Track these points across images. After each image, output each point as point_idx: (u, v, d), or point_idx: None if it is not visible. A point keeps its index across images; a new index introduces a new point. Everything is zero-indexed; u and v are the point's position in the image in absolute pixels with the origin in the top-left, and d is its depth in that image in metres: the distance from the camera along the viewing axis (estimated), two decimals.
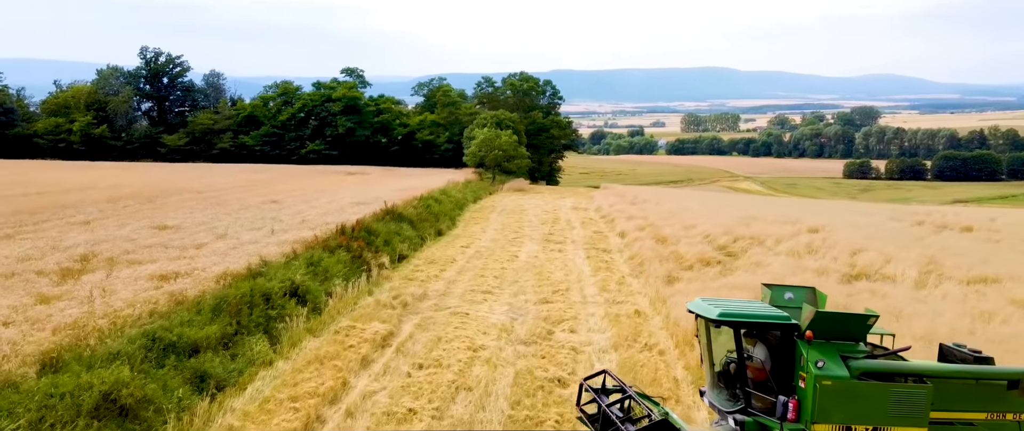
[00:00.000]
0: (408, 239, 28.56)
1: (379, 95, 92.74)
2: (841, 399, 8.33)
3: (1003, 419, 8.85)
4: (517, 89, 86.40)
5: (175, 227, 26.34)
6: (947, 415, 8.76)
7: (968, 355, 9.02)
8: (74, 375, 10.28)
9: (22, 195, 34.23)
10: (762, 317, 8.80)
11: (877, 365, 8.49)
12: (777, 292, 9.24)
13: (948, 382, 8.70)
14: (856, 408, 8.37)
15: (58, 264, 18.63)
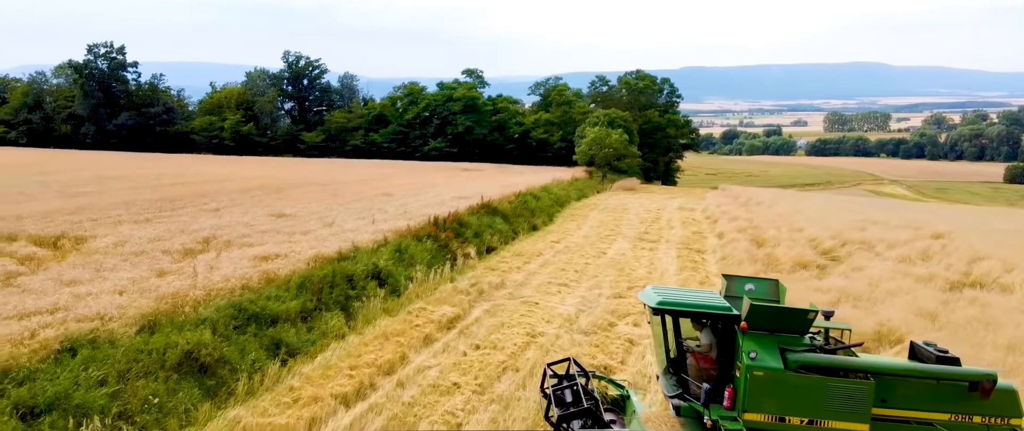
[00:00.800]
0: (499, 232, 29.59)
1: (497, 95, 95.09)
2: (774, 390, 8.38)
3: (969, 422, 8.57)
4: (632, 87, 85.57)
5: (291, 215, 28.93)
6: (905, 414, 8.63)
7: (932, 354, 8.69)
8: (164, 335, 12.04)
9: (169, 185, 38.67)
10: (701, 306, 8.92)
11: (817, 359, 8.42)
12: (737, 283, 9.30)
13: (907, 381, 8.53)
14: (790, 400, 8.37)
15: (182, 245, 21.26)
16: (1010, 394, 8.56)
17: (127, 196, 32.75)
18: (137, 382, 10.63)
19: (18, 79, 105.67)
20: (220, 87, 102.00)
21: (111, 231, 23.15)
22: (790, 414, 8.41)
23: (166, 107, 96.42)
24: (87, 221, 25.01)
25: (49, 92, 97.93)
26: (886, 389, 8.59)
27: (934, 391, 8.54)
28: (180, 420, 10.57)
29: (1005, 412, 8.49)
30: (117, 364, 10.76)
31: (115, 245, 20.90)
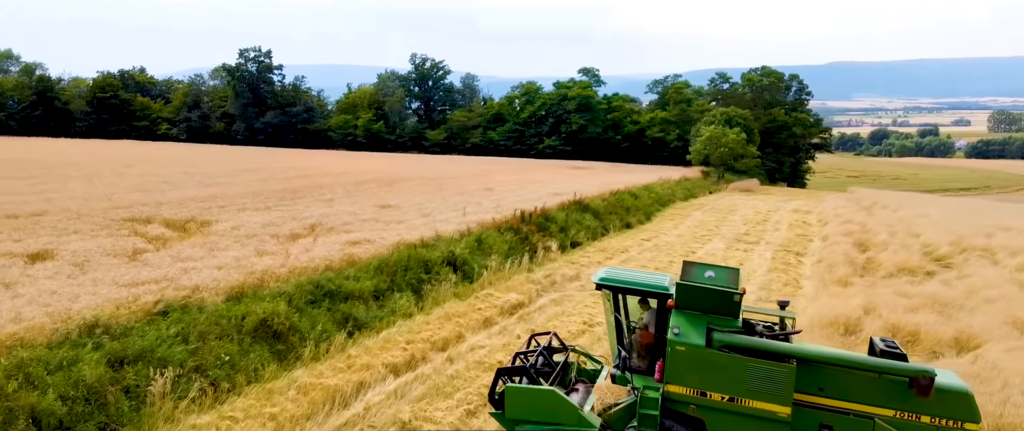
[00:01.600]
0: (588, 228, 30.10)
1: (613, 94, 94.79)
2: (694, 365, 8.74)
3: (917, 421, 8.41)
4: (755, 84, 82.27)
5: (394, 206, 30.97)
6: (844, 405, 8.63)
7: (879, 347, 8.56)
8: (246, 305, 13.78)
9: (294, 178, 42.24)
10: (637, 284, 9.49)
11: (741, 340, 8.61)
12: (697, 269, 9.49)
13: (848, 373, 8.54)
14: (711, 376, 8.73)
15: (290, 230, 23.56)
16: (963, 397, 8.31)
17: (256, 187, 36.24)
18: (215, 342, 12.34)
19: (180, 81, 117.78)
20: (355, 88, 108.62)
21: (233, 217, 25.95)
22: (711, 390, 8.79)
23: (307, 107, 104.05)
24: (215, 208, 28.13)
25: (206, 93, 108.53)
26: (824, 379, 8.63)
27: (877, 385, 8.47)
28: (248, 377, 12.16)
29: (958, 415, 8.27)
30: (200, 326, 12.53)
31: (232, 229, 23.51)
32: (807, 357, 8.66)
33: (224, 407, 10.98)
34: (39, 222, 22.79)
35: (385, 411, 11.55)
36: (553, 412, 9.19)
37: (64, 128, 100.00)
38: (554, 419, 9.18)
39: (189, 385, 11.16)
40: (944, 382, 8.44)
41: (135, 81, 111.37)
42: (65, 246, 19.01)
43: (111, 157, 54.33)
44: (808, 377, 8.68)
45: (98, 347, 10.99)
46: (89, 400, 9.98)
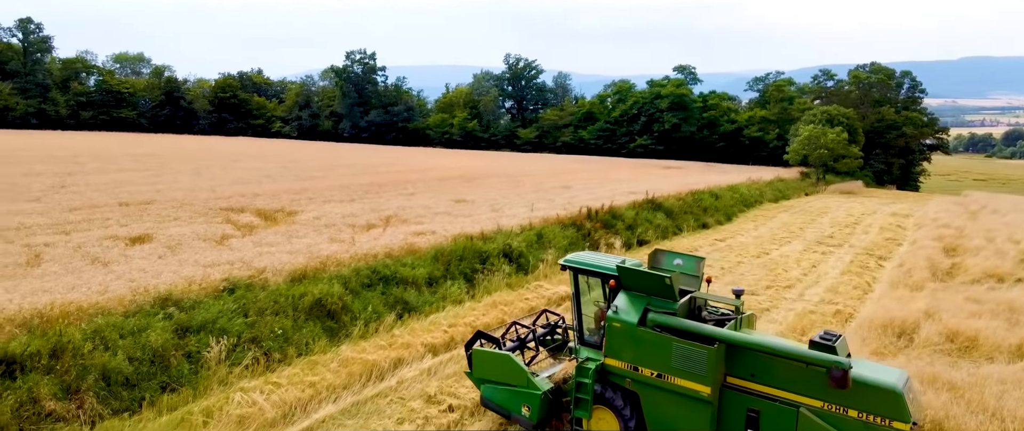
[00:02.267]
0: (658, 227, 30.03)
1: (709, 91, 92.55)
2: (627, 341, 9.45)
3: (844, 414, 8.37)
4: (862, 82, 77.91)
5: (469, 201, 32.13)
6: (773, 392, 8.80)
7: (815, 340, 8.52)
8: (304, 286, 15.09)
9: (384, 173, 44.35)
10: (592, 266, 10.36)
11: (672, 321, 9.11)
12: (667, 257, 10.31)
13: (779, 361, 8.70)
14: (641, 352, 9.39)
15: (367, 220, 25.11)
16: (890, 395, 8.14)
17: (346, 181, 38.46)
18: (271, 317, 13.67)
19: (294, 82, 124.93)
20: (453, 88, 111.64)
21: (318, 208, 27.87)
22: (642, 365, 9.44)
23: (407, 106, 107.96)
24: (304, 199, 30.23)
25: (316, 93, 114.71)
26: (756, 365, 8.87)
27: (805, 376, 8.51)
28: (299, 349, 13.39)
29: (885, 413, 8.16)
30: (260, 303, 13.91)
31: (314, 219, 25.31)
32: (734, 342, 8.89)
33: (272, 374, 12.20)
34: (147, 210, 25.44)
35: (415, 386, 12.45)
36: (507, 374, 10.50)
37: (188, 126, 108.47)
38: (507, 380, 10.50)
39: (244, 354, 12.49)
40: (873, 378, 8.30)
41: (252, 82, 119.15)
42: (163, 231, 21.24)
43: (223, 152, 58.80)
44: (742, 362, 8.98)
45: (168, 317, 12.51)
46: (154, 362, 11.44)
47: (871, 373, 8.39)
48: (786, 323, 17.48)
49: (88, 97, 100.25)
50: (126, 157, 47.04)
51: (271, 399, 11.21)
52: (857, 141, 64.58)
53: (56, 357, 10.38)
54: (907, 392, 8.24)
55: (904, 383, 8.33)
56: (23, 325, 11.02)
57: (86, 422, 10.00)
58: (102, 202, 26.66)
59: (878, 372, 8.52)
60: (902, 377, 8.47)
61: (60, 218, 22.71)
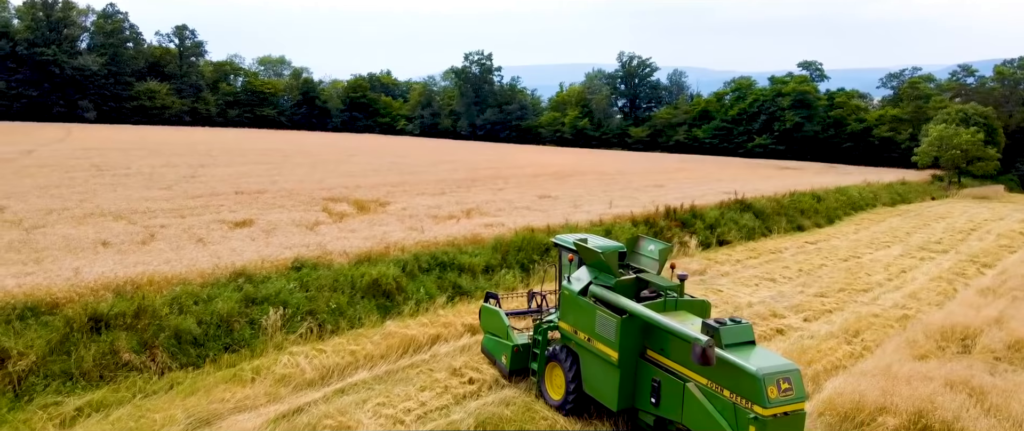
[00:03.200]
0: (744, 228, 29.45)
1: (837, 89, 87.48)
2: (571, 307, 10.96)
3: (721, 393, 8.80)
4: (1008, 78, 70.81)
5: (553, 197, 32.98)
6: (673, 365, 9.60)
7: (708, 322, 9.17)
8: (364, 268, 16.58)
9: (482, 169, 46.01)
10: (567, 243, 11.92)
11: (599, 293, 10.33)
12: (645, 243, 11.63)
13: (672, 338, 9.46)
14: (580, 318, 10.76)
15: (449, 212, 26.60)
16: (752, 379, 8.37)
17: (444, 176, 40.39)
18: (329, 293, 15.23)
19: (418, 82, 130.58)
20: (567, 87, 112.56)
21: (408, 200, 29.73)
22: (579, 329, 10.82)
23: (520, 105, 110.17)
24: (399, 192, 32.28)
25: (437, 93, 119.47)
26: (664, 341, 9.64)
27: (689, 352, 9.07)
28: (351, 323, 14.85)
29: (745, 394, 8.46)
30: (321, 281, 15.52)
31: (402, 209, 27.13)
32: (641, 317, 9.71)
33: (320, 343, 13.70)
34: (258, 198, 28.25)
35: (446, 360, 13.53)
36: (496, 327, 13.03)
37: (322, 123, 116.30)
38: (496, 332, 13.04)
39: (300, 323, 14.09)
40: (739, 362, 8.60)
41: (380, 83, 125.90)
42: (265, 217, 23.66)
43: (342, 147, 62.95)
44: (656, 338, 9.82)
45: (238, 289, 14.33)
46: (220, 326, 13.22)
47: (742, 358, 8.71)
48: (838, 324, 17.05)
49: (235, 97, 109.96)
50: (255, 152, 51.68)
51: (313, 363, 12.67)
52: (996, 142, 59.12)
53: (137, 317, 12.33)
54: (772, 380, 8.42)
55: (778, 371, 8.54)
56: (116, 290, 13.11)
57: (156, 372, 11.85)
58: (222, 191, 29.84)
59: (758, 359, 8.81)
60: (778, 366, 8.68)
61: (182, 204, 25.79)
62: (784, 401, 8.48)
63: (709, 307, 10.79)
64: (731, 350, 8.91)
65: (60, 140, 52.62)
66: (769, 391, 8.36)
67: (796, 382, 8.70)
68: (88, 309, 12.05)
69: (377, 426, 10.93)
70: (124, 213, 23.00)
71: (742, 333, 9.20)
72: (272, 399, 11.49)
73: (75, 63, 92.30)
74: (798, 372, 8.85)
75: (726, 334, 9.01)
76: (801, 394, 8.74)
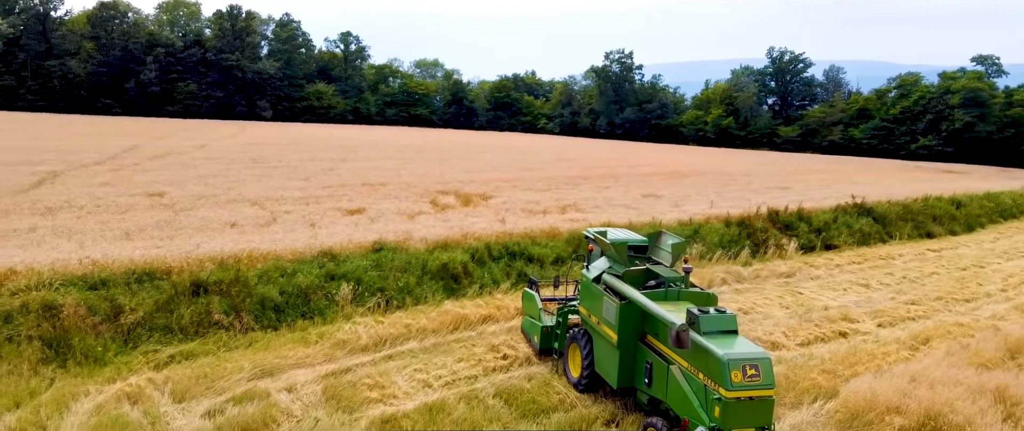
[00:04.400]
0: (859, 232, 27.97)
1: (1017, 86, 77.96)
2: (587, 293, 12.02)
3: (695, 375, 9.29)
4: None
5: (657, 196, 33.19)
6: (663, 350, 10.15)
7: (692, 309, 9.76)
8: (436, 253, 18.22)
9: (597, 167, 46.57)
10: (590, 235, 12.81)
11: (609, 280, 11.16)
12: (665, 238, 12.21)
13: (661, 323, 9.91)
14: (592, 303, 11.65)
15: (544, 207, 27.82)
16: (718, 363, 8.81)
17: (557, 173, 41.49)
18: (401, 273, 16.99)
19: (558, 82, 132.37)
20: (713, 84, 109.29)
21: (511, 194, 31.25)
22: (591, 313, 11.73)
23: (661, 103, 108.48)
24: (507, 187, 33.88)
25: (578, 92, 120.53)
26: (659, 326, 10.20)
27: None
28: (416, 300, 16.50)
29: (715, 378, 8.90)
30: (395, 262, 17.34)
31: (502, 203, 28.69)
32: (632, 301, 10.45)
33: (382, 315, 15.45)
34: (378, 190, 31.02)
35: (489, 338, 14.79)
36: (532, 309, 14.19)
37: (470, 122, 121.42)
38: (531, 313, 14.22)
39: (369, 298, 15.95)
40: (709, 346, 9.08)
41: (524, 83, 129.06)
42: (376, 206, 26.14)
43: (474, 144, 65.82)
44: (652, 323, 10.43)
45: (320, 266, 16.46)
46: (299, 296, 15.36)
47: (714, 344, 9.20)
48: (910, 331, 16.32)
49: (392, 97, 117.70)
50: (393, 147, 55.68)
51: (370, 332, 14.41)
52: None
53: (231, 285, 14.70)
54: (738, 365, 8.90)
55: (746, 358, 9.00)
56: (219, 262, 15.62)
57: (240, 331, 14.13)
58: (350, 182, 33.00)
59: (730, 346, 9.25)
60: (748, 354, 9.14)
61: (311, 193, 28.98)
62: (749, 386, 8.93)
63: (714, 299, 11.27)
64: (708, 336, 9.47)
65: (232, 136, 59.74)
66: (733, 375, 8.88)
67: (764, 370, 9.10)
68: (192, 276, 14.59)
69: (407, 387, 12.42)
70: (260, 200, 26.38)
71: (723, 322, 9.78)
72: (327, 359, 13.34)
73: (255, 67, 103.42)
74: (768, 360, 9.27)
75: (705, 322, 9.63)
76: (769, 382, 9.14)
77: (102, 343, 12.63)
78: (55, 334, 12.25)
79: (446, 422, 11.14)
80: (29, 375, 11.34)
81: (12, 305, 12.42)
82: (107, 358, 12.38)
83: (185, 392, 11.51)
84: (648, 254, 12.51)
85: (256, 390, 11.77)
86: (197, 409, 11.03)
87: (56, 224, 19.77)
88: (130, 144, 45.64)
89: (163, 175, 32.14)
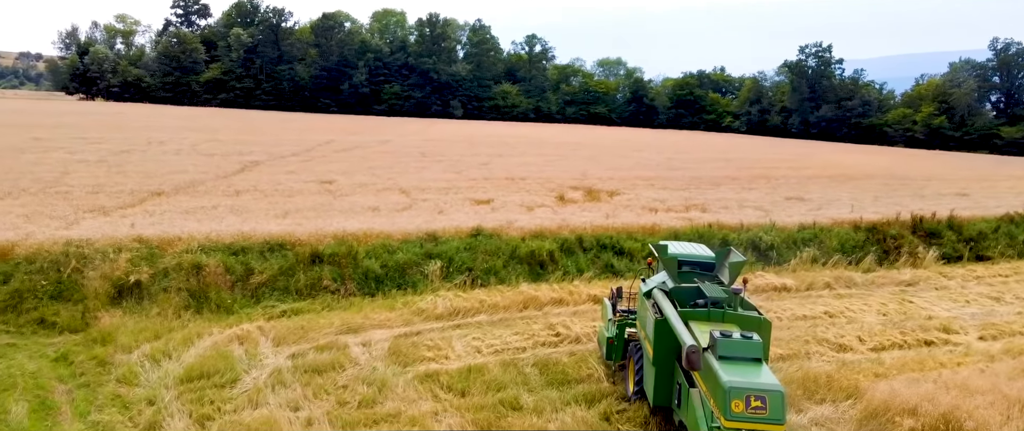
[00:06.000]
0: (1021, 244, 25.16)
1: None
2: (640, 307, 12.23)
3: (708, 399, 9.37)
4: None
5: (803, 199, 32.04)
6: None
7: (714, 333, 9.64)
8: (528, 241, 19.94)
9: (753, 169, 44.95)
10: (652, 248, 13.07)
11: (657, 296, 11.18)
12: (733, 255, 12.20)
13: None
14: (642, 316, 11.89)
15: (668, 206, 28.32)
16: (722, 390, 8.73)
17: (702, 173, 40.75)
18: (489, 256, 18.96)
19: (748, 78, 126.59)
20: (925, 80, 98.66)
21: (639, 192, 31.82)
22: (641, 327, 11.96)
23: (863, 100, 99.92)
24: (642, 184, 34.43)
25: (769, 89, 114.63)
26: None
27: None
28: (500, 280, 18.36)
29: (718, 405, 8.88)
30: (487, 246, 19.32)
31: (626, 199, 29.59)
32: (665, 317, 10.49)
33: (462, 291, 17.51)
34: (515, 184, 33.21)
35: (549, 318, 16.25)
36: (604, 317, 13.98)
37: (649, 120, 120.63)
38: (603, 322, 14.00)
39: (457, 276, 18.12)
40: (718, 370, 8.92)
41: (710, 79, 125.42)
42: (504, 198, 28.27)
43: (636, 142, 65.88)
44: None
45: (420, 246, 18.92)
46: (397, 271, 17.92)
47: (726, 369, 8.94)
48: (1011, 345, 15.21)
49: (572, 96, 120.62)
50: (551, 144, 57.84)
51: (447, 304, 16.53)
52: None
53: (343, 258, 17.58)
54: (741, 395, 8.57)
55: (753, 389, 8.64)
56: (339, 239, 18.60)
57: (343, 296, 16.93)
58: (495, 176, 35.54)
59: (742, 374, 8.90)
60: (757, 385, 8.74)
61: (455, 184, 31.91)
62: (751, 419, 8.52)
63: (766, 325, 10.57)
64: (724, 362, 9.10)
65: (415, 133, 65.65)
66: (734, 405, 8.50)
67: (773, 404, 8.55)
68: (312, 249, 17.69)
69: (461, 351, 14.32)
70: (408, 189, 29.74)
71: (746, 348, 9.31)
72: (404, 323, 15.65)
73: (449, 70, 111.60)
74: (780, 395, 8.67)
75: (723, 345, 9.25)
76: (777, 417, 8.57)
77: (233, 297, 16.03)
78: (197, 287, 15.82)
79: (478, 381, 12.84)
80: (172, 318, 14.87)
81: (169, 264, 16.17)
82: (234, 309, 15.71)
83: (283, 339, 14.36)
84: (715, 271, 12.30)
85: (337, 342, 14.32)
86: (286, 352, 13.80)
87: (234, 203, 24.29)
88: (326, 139, 52.35)
89: (340, 166, 36.96)
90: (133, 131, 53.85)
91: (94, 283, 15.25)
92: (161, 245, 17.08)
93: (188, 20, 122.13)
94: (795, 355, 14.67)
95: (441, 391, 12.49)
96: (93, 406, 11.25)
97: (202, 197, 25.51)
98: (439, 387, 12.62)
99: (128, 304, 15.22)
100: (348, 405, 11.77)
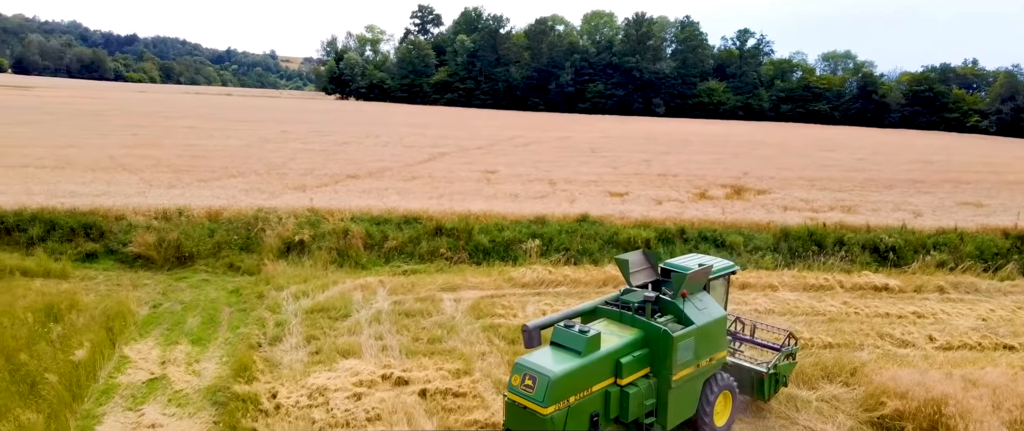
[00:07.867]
0: None
1: None
2: None
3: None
4: None
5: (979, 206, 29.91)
6: None
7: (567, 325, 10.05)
8: (627, 228, 21.80)
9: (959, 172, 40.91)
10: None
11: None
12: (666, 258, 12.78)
13: None
14: None
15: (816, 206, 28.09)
16: (515, 366, 9.64)
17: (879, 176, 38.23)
18: (586, 240, 21.17)
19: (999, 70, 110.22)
20: None
21: (788, 192, 31.50)
22: None
23: None
24: (798, 185, 33.73)
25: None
26: None
27: None
28: (594, 262, 20.50)
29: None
30: (588, 231, 21.54)
31: (771, 198, 29.72)
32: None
33: (553, 267, 19.91)
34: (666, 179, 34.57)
35: None
36: None
37: (879, 119, 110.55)
38: None
39: (555, 253, 20.66)
40: (530, 353, 9.77)
41: (955, 74, 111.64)
42: (639, 192, 29.96)
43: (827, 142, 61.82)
44: None
45: (527, 227, 21.71)
46: (502, 245, 20.89)
47: (536, 351, 9.91)
48: None
49: (788, 93, 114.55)
50: (734, 143, 56.73)
51: (536, 275, 19.11)
52: None
53: (460, 232, 21.00)
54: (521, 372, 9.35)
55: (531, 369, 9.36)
56: (460, 217, 22.03)
57: (454, 263, 20.30)
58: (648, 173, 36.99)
59: (541, 356, 9.63)
60: (535, 366, 9.35)
61: (605, 178, 34.10)
62: (521, 393, 9.32)
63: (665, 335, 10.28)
64: (554, 347, 9.91)
65: (599, 130, 68.13)
66: (514, 379, 9.44)
67: (540, 386, 9.20)
68: (437, 223, 21.31)
69: (530, 312, 16.93)
70: (557, 180, 32.63)
71: (574, 341, 9.77)
72: (494, 287, 18.58)
73: (652, 68, 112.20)
74: (548, 379, 9.18)
75: (558, 334, 9.99)
76: (539, 398, 9.16)
77: (368, 257, 20.15)
78: (343, 248, 20.13)
79: None
80: (320, 269, 19.25)
81: (326, 229, 20.72)
82: (367, 266, 19.78)
83: (395, 290, 18.04)
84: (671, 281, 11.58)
85: (434, 296, 17.67)
86: (392, 298, 17.43)
87: (404, 186, 28.94)
88: (512, 135, 57.00)
89: (509, 158, 40.87)
90: (362, 126, 63.19)
91: (270, 240, 20.25)
92: (325, 215, 21.81)
93: (424, 28, 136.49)
94: (846, 345, 15.14)
95: (497, 339, 15.21)
96: (243, 323, 15.69)
97: (384, 180, 30.60)
98: (497, 336, 15.34)
99: (292, 257, 19.97)
100: (420, 340, 14.98)
